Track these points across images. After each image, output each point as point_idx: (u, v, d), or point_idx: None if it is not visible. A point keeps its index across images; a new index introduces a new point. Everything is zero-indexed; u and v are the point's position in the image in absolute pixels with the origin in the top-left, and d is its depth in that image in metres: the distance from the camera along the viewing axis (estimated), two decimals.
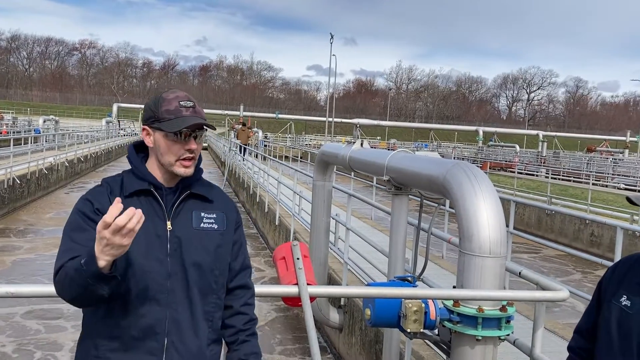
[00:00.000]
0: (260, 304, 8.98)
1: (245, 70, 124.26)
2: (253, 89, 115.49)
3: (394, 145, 51.26)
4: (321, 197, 6.43)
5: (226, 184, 25.24)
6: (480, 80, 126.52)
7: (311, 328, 2.42)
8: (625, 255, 2.00)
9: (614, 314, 1.78)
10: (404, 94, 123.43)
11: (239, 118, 46.98)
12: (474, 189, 3.18)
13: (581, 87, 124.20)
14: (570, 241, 16.41)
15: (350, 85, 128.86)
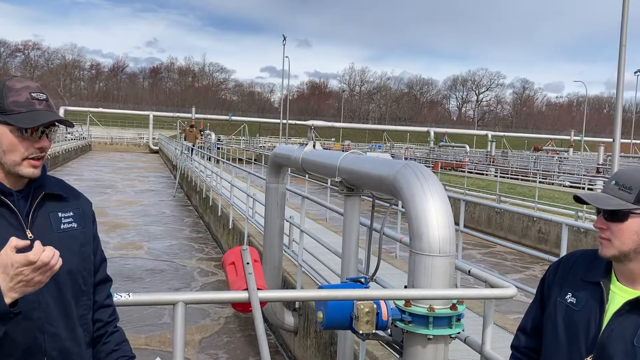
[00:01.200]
0: (213, 309, 8.85)
1: (197, 72, 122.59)
2: (205, 91, 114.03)
3: (348, 147, 51.62)
4: (274, 200, 6.38)
5: (178, 187, 24.82)
6: (431, 82, 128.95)
7: (261, 333, 2.38)
8: (571, 250, 2.03)
9: (560, 311, 1.78)
10: (357, 96, 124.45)
11: (190, 120, 46.26)
12: (422, 189, 3.20)
13: (527, 88, 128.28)
14: (520, 238, 16.89)
15: (304, 87, 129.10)
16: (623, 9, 15.02)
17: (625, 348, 1.61)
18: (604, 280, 1.71)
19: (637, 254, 1.65)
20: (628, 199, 1.63)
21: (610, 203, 1.65)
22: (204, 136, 36.58)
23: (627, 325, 1.63)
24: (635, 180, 1.64)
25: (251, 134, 71.63)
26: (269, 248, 6.44)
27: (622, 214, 1.64)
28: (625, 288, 1.69)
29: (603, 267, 1.75)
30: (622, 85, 15.20)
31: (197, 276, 11.24)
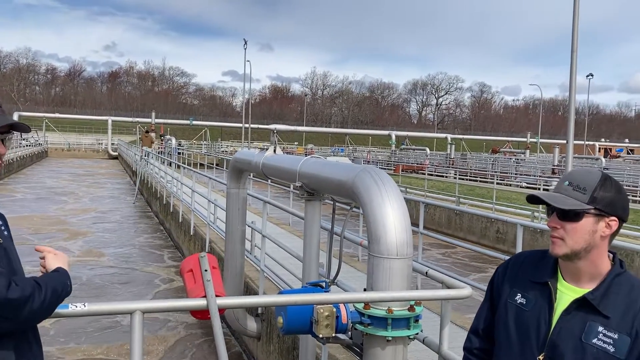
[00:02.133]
0: (174, 318, 8.73)
1: (157, 76, 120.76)
2: (165, 96, 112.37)
3: (311, 150, 51.72)
4: (236, 205, 6.35)
5: (138, 194, 24.39)
6: (392, 86, 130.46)
7: (220, 341, 2.37)
8: (527, 250, 2.08)
9: (511, 312, 1.82)
10: (319, 100, 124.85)
11: (150, 125, 45.53)
12: (380, 193, 3.25)
13: (485, 92, 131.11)
14: (479, 238, 17.24)
15: (266, 91, 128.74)
16: (574, 17, 15.54)
17: (575, 345, 1.66)
18: (552, 280, 1.77)
19: (587, 252, 1.71)
20: (582, 200, 1.68)
21: (567, 203, 1.69)
22: (164, 141, 36.11)
23: (575, 323, 1.68)
24: (588, 182, 1.70)
25: (213, 138, 70.96)
26: (230, 254, 6.40)
27: (576, 214, 1.68)
28: (571, 287, 1.74)
29: (550, 267, 1.80)
30: (574, 89, 15.71)
31: (159, 283, 11.08)
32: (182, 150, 35.71)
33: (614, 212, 1.70)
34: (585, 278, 1.73)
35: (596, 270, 1.73)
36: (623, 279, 1.71)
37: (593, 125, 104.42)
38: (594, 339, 1.65)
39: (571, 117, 15.48)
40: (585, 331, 1.66)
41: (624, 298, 1.67)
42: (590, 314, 1.68)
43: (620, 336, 1.63)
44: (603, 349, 1.63)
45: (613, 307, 1.66)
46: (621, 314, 1.65)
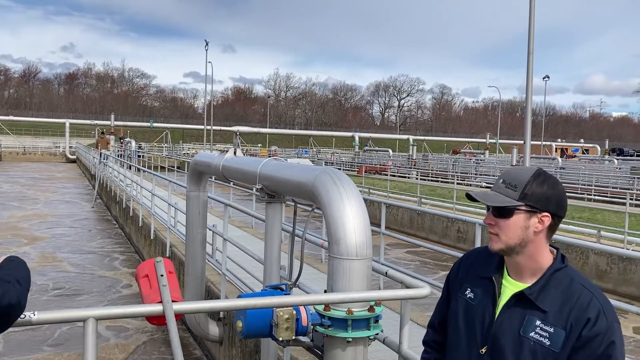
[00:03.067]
0: (133, 324, 8.56)
1: (117, 77, 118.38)
2: (125, 97, 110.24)
3: (275, 152, 51.56)
4: (196, 208, 6.26)
5: (97, 197, 23.85)
6: (355, 87, 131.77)
7: (177, 347, 2.33)
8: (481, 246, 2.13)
9: (461, 306, 1.89)
10: (283, 102, 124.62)
11: (109, 128, 44.59)
12: (340, 195, 3.26)
13: (446, 94, 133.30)
14: (440, 238, 17.50)
15: (229, 93, 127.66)
16: (530, 20, 15.95)
17: (514, 338, 1.71)
18: (496, 276, 1.83)
19: (522, 247, 1.75)
20: (513, 196, 1.73)
21: (498, 200, 1.75)
22: (124, 144, 35.46)
23: (514, 317, 1.73)
24: (519, 179, 1.75)
25: (174, 140, 69.99)
26: (191, 258, 6.31)
27: (508, 210, 1.74)
28: (514, 282, 1.79)
29: (496, 263, 1.85)
30: (530, 91, 16.12)
31: (119, 289, 10.85)
32: (143, 153, 35.10)
33: (546, 208, 1.73)
34: (527, 273, 1.78)
35: (536, 265, 1.77)
36: (562, 274, 1.74)
37: (550, 126, 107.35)
38: (532, 333, 1.69)
39: (528, 118, 15.88)
40: (523, 325, 1.71)
41: (562, 293, 1.71)
42: (529, 308, 1.72)
43: (555, 330, 1.66)
44: (539, 342, 1.67)
45: (550, 301, 1.70)
46: (558, 308, 1.69)
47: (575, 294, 1.70)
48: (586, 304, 1.67)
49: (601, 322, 1.65)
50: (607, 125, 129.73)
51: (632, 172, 29.38)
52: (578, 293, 1.70)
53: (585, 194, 22.90)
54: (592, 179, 27.54)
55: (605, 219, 15.54)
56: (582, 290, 1.71)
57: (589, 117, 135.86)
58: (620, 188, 24.62)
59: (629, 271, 11.86)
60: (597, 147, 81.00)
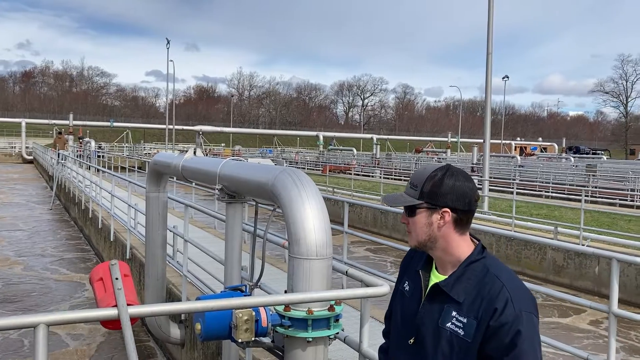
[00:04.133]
0: (88, 329, 8.38)
1: (75, 76, 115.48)
2: (84, 96, 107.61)
3: (239, 152, 51.22)
4: (156, 209, 6.16)
5: (55, 199, 23.24)
6: (319, 87, 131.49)
7: (132, 351, 2.28)
8: None
9: (399, 298, 1.99)
10: (246, 101, 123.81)
11: (68, 128, 43.48)
12: (300, 195, 3.25)
13: (409, 93, 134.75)
14: (403, 236, 17.66)
15: (191, 92, 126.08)
16: (489, 22, 16.27)
17: (433, 329, 1.78)
18: (423, 269, 1.91)
19: (433, 243, 1.83)
20: (414, 195, 1.83)
21: (400, 200, 1.86)
22: (83, 144, 34.66)
23: (434, 308, 1.80)
24: (419, 178, 1.84)
25: (135, 140, 68.74)
26: (151, 260, 6.21)
27: (412, 209, 1.84)
28: (438, 275, 1.87)
29: (425, 257, 1.94)
30: (490, 90, 16.44)
31: (77, 293, 10.59)
32: (102, 153, 34.37)
33: (444, 203, 1.79)
34: (449, 266, 1.84)
35: (453, 259, 1.83)
36: (478, 265, 1.78)
37: (509, 125, 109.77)
38: (448, 323, 1.75)
39: (487, 117, 16.19)
40: (442, 316, 1.77)
41: (476, 283, 1.74)
42: (447, 300, 1.77)
43: (468, 320, 1.71)
44: (455, 333, 1.73)
45: (464, 292, 1.75)
46: (472, 298, 1.73)
47: (487, 285, 1.72)
48: (495, 294, 1.69)
49: (508, 312, 1.65)
50: (564, 124, 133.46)
51: (588, 170, 30.32)
52: (490, 283, 1.72)
53: (543, 192, 23.49)
54: (549, 176, 28.28)
55: (562, 216, 15.98)
56: (495, 280, 1.72)
57: (547, 116, 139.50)
58: (576, 185, 25.35)
59: (585, 266, 12.22)
60: (555, 145, 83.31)
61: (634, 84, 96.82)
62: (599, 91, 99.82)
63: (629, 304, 10.86)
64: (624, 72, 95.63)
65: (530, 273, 13.03)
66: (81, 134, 44.75)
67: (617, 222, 15.22)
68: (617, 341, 4.87)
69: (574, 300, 4.34)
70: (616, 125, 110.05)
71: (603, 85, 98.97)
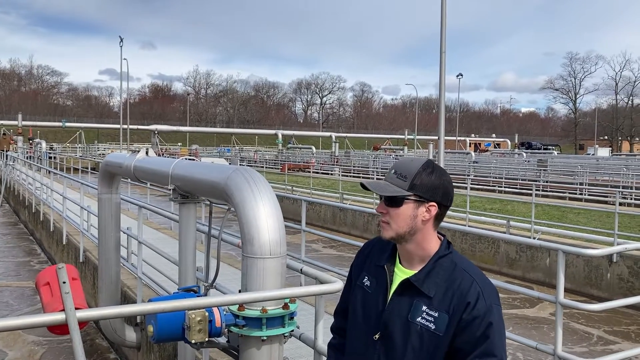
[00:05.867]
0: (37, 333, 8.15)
1: (24, 75, 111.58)
2: (34, 96, 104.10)
3: (196, 151, 50.58)
4: (108, 211, 6.04)
5: (3, 201, 22.45)
6: (278, 85, 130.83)
7: (80, 356, 2.24)
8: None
9: (359, 294, 1.94)
10: (203, 99, 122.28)
11: (17, 128, 42.01)
12: (253, 194, 3.25)
13: (366, 92, 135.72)
14: (362, 232, 17.84)
15: (146, 90, 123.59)
16: (442, 21, 16.56)
17: (402, 324, 1.78)
18: (388, 264, 1.89)
19: (411, 236, 1.83)
20: (403, 186, 1.79)
21: (389, 190, 1.81)
22: (33, 145, 33.60)
23: (403, 303, 1.80)
24: (409, 170, 1.82)
25: (89, 140, 66.99)
26: (104, 262, 6.08)
27: (398, 200, 1.80)
28: (404, 269, 1.86)
29: (389, 252, 1.92)
30: (443, 88, 16.75)
31: (28, 300, 10.26)
32: (54, 155, 33.40)
33: (433, 197, 1.81)
34: (416, 261, 1.85)
35: (424, 253, 1.84)
36: (447, 260, 1.83)
37: (464, 121, 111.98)
38: (418, 318, 1.76)
39: (441, 114, 16.48)
40: (411, 311, 1.77)
41: (446, 278, 1.78)
42: (416, 294, 1.79)
43: (440, 314, 1.74)
44: (425, 327, 1.75)
45: (435, 287, 1.77)
46: (442, 293, 1.76)
47: (457, 279, 1.77)
48: (467, 288, 1.75)
49: (480, 305, 1.72)
50: (516, 120, 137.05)
51: (539, 165, 31.27)
52: (460, 278, 1.77)
53: (496, 186, 24.09)
54: (502, 171, 29.01)
55: (514, 210, 16.42)
56: (464, 275, 1.78)
57: (500, 113, 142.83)
58: (528, 180, 26.09)
59: (536, 258, 12.61)
60: (508, 141, 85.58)
61: (582, 81, 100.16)
62: (549, 88, 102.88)
63: (578, 294, 11.28)
64: (572, 70, 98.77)
65: (484, 266, 13.35)
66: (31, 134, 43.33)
67: (567, 215, 15.76)
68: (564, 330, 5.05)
69: (523, 292, 4.48)
70: (566, 121, 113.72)
71: (553, 82, 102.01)
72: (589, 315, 10.01)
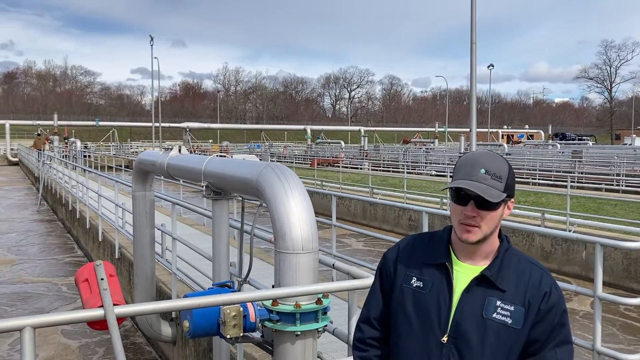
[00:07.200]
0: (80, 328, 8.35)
1: (59, 75, 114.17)
2: (69, 96, 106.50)
3: (227, 148, 51.03)
4: (143, 208, 6.14)
5: (41, 199, 23.06)
6: (306, 80, 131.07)
7: (119, 351, 2.29)
8: (413, 234, 2.10)
9: (408, 297, 1.81)
10: (233, 96, 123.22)
11: (53, 128, 43.06)
12: (284, 189, 3.26)
13: (395, 84, 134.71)
14: (392, 227, 17.76)
15: (177, 89, 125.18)
16: (472, 11, 16.31)
17: (477, 321, 1.71)
18: (449, 261, 1.79)
19: (492, 234, 1.77)
20: (500, 188, 1.70)
21: (493, 194, 1.68)
22: (69, 144, 34.40)
23: (475, 300, 1.73)
24: (501, 169, 1.73)
25: (122, 139, 68.24)
26: (140, 259, 6.20)
27: (497, 203, 1.70)
28: (467, 265, 1.78)
29: (444, 249, 1.82)
30: (474, 80, 16.52)
31: (67, 295, 10.54)
32: (89, 153, 34.12)
33: (513, 194, 1.79)
34: (480, 256, 1.78)
35: (491, 248, 1.79)
36: (511, 253, 1.81)
37: (496, 113, 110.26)
38: (494, 314, 1.71)
39: (473, 106, 16.26)
40: (485, 307, 1.71)
41: (514, 271, 1.76)
42: (488, 289, 1.73)
43: (516, 307, 1.71)
44: (502, 322, 1.70)
45: (507, 280, 1.74)
46: (514, 286, 1.73)
47: (526, 272, 1.76)
48: (538, 279, 1.75)
49: (554, 295, 1.75)
50: (550, 111, 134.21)
51: (574, 156, 30.58)
52: (529, 270, 1.77)
53: (530, 179, 23.66)
54: (536, 163, 28.47)
55: (549, 202, 16.11)
56: (532, 267, 1.78)
57: (533, 103, 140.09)
58: (562, 171, 25.56)
59: (572, 251, 12.36)
60: (541, 132, 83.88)
61: (617, 69, 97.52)
62: (584, 77, 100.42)
63: (617, 287, 11.01)
64: (607, 58, 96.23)
65: None
66: (67, 134, 44.35)
67: (603, 206, 15.38)
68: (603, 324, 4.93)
69: (560, 286, 4.39)
70: (601, 110, 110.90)
71: (587, 71, 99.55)
72: (628, 310, 9.77)
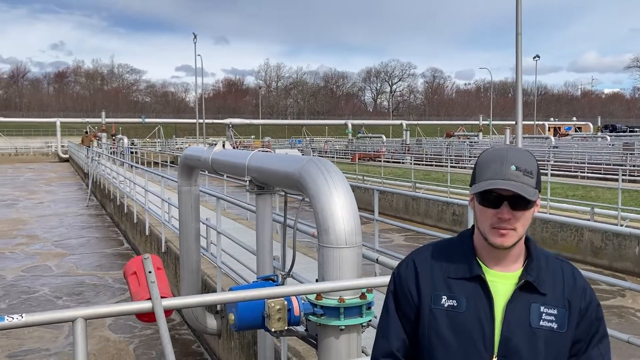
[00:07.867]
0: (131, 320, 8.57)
1: (106, 74, 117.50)
2: (116, 94, 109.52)
3: (268, 143, 51.48)
4: (188, 203, 6.26)
5: (90, 195, 23.80)
6: (346, 75, 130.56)
7: (167, 343, 2.33)
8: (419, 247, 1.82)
9: (441, 319, 1.59)
10: (274, 92, 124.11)
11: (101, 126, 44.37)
12: (327, 184, 3.25)
13: (438, 77, 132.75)
14: (436, 222, 17.53)
15: (220, 85, 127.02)
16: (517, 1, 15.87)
17: (526, 333, 1.56)
18: (481, 272, 1.60)
19: (523, 236, 1.62)
20: (532, 185, 1.55)
21: (531, 192, 1.53)
22: (116, 141, 35.40)
23: (520, 310, 1.57)
24: (531, 164, 1.57)
25: (167, 135, 69.68)
26: (185, 252, 6.32)
27: (531, 202, 1.55)
28: (498, 273, 1.61)
29: (469, 259, 1.63)
30: (520, 72, 16.08)
31: (117, 287, 10.85)
32: (135, 149, 35.01)
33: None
34: (510, 260, 1.61)
35: (519, 250, 1.63)
36: (539, 252, 1.66)
37: (542, 105, 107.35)
38: (540, 321, 1.57)
39: (519, 99, 15.85)
40: (530, 315, 1.56)
41: (547, 271, 1.62)
42: (531, 295, 1.58)
43: (558, 310, 1.58)
44: (549, 328, 1.57)
45: (546, 282, 1.60)
46: (552, 287, 1.60)
47: (558, 270, 1.64)
48: (571, 276, 1.64)
49: (589, 290, 1.65)
50: (599, 102, 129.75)
51: (625, 148, 29.48)
52: (560, 267, 1.65)
53: (578, 172, 22.96)
54: (585, 156, 27.58)
55: (599, 196, 15.59)
56: (562, 263, 1.66)
57: (581, 94, 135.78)
58: (613, 164, 24.69)
59: (624, 247, 11.93)
60: (590, 124, 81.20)
61: None
62: (636, 66, 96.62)
63: None
64: None
65: (567, 255, 12.77)
66: (114, 131, 45.62)
67: None
68: None
69: (611, 282, 4.24)
70: None
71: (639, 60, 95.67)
72: None
